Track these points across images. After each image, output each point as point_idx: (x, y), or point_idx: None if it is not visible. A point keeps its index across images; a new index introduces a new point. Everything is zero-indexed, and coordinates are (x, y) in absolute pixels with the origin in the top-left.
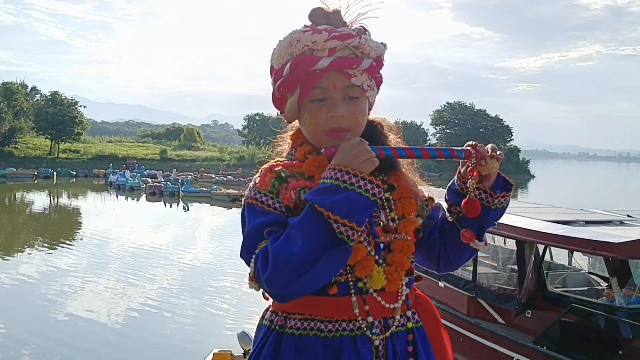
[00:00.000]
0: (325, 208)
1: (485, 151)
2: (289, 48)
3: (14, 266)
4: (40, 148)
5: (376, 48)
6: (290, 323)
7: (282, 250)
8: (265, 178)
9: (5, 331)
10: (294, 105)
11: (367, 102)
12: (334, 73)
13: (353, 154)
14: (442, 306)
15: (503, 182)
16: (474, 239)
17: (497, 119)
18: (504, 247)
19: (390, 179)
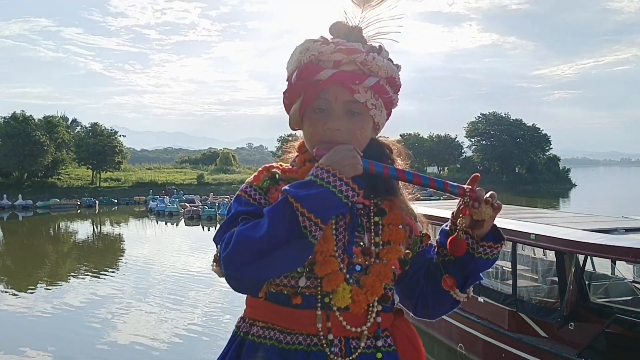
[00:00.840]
0: (295, 199)
1: (482, 195)
2: (299, 56)
3: (59, 295)
4: (82, 178)
5: (386, 68)
6: (254, 330)
7: (245, 233)
8: (260, 175)
9: (57, 352)
10: (296, 112)
11: (370, 121)
12: (338, 86)
13: (339, 156)
14: (483, 322)
15: (496, 235)
16: (454, 288)
17: (534, 128)
18: (543, 259)
19: (384, 203)
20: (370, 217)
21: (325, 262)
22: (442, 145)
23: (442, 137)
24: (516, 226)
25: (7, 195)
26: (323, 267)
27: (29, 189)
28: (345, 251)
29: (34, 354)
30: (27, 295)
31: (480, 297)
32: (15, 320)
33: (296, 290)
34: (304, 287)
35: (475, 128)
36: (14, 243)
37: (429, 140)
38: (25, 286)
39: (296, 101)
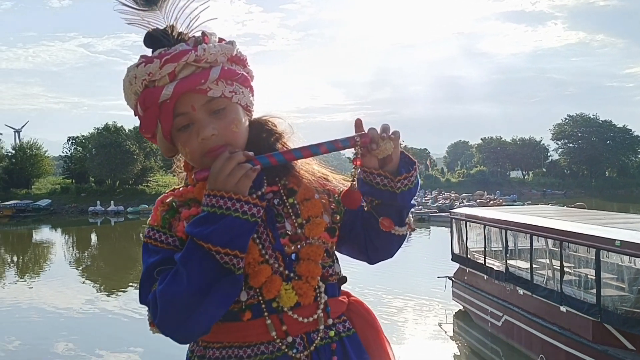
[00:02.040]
0: (204, 240)
1: (376, 134)
2: (131, 87)
3: None
4: (169, 185)
5: (222, 51)
6: (209, 353)
7: (167, 292)
8: (157, 212)
9: (146, 352)
10: (163, 142)
11: (238, 108)
12: (186, 95)
13: (225, 174)
14: (565, 332)
15: (407, 161)
16: (393, 226)
17: (625, 129)
18: (630, 267)
19: (291, 182)
20: (284, 201)
21: (257, 273)
22: (526, 148)
23: (527, 141)
24: (600, 232)
25: (100, 201)
26: (256, 278)
27: (121, 196)
28: (274, 249)
29: (125, 351)
30: (118, 297)
31: (563, 307)
32: (109, 320)
33: (241, 306)
34: (247, 300)
35: (562, 130)
36: (106, 247)
37: (512, 144)
38: (117, 288)
39: (157, 131)
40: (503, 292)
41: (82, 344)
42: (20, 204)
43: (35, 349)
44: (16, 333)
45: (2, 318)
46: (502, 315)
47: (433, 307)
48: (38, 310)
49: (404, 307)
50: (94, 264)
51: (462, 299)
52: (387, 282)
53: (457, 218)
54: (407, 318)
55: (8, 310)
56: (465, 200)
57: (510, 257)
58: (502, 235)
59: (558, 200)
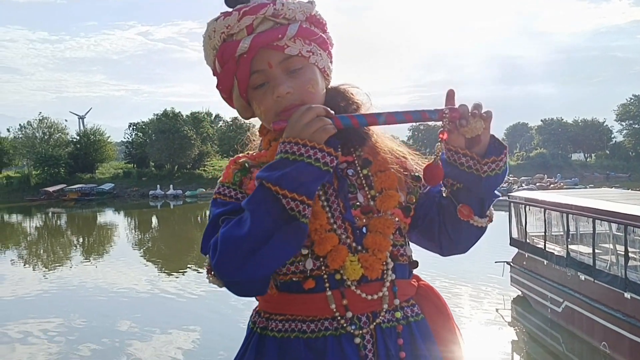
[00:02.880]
0: (272, 183)
1: (466, 110)
2: (210, 42)
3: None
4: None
5: (301, 8)
6: (272, 325)
7: (229, 233)
8: (229, 170)
9: (205, 330)
10: (239, 100)
11: (315, 70)
12: (264, 51)
13: (303, 123)
14: (630, 320)
15: (497, 145)
16: (472, 215)
17: None
18: None
19: (366, 153)
20: (358, 172)
21: (323, 240)
22: (588, 130)
23: (589, 122)
24: None
25: (160, 185)
26: (322, 245)
27: (179, 180)
28: (344, 219)
29: (184, 330)
30: (178, 278)
31: (627, 293)
32: (169, 301)
33: (306, 275)
34: (313, 270)
35: (627, 111)
36: (166, 229)
37: (574, 126)
38: (176, 269)
39: (233, 90)
40: (564, 278)
41: (143, 323)
42: (85, 188)
43: (99, 326)
44: (82, 311)
45: (69, 297)
46: (563, 301)
47: (490, 293)
48: (102, 289)
49: (461, 293)
50: (155, 246)
51: (521, 284)
52: (443, 266)
53: (516, 202)
54: (464, 303)
55: (74, 289)
56: (525, 184)
57: (571, 241)
58: (563, 220)
59: (622, 184)
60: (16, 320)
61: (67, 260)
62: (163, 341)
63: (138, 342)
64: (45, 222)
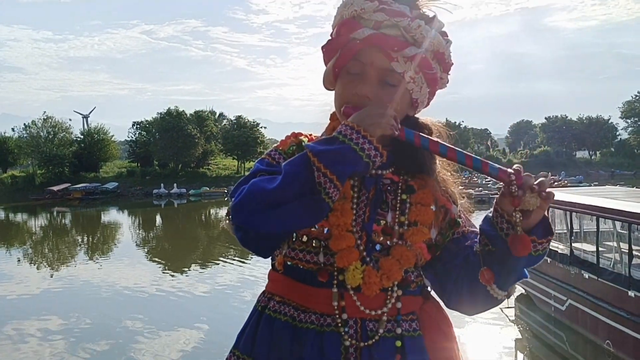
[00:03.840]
0: (313, 153)
1: (529, 181)
2: (342, 10)
3: (210, 276)
4: (229, 168)
5: (433, 40)
6: (271, 304)
7: (259, 184)
8: (287, 141)
9: (210, 330)
10: (330, 71)
11: (406, 96)
12: (375, 49)
13: (368, 113)
14: (633, 318)
15: (545, 228)
16: (492, 283)
17: None
18: None
19: (414, 180)
20: (397, 194)
21: (341, 237)
22: (593, 127)
23: (594, 119)
24: None
25: (164, 184)
26: (338, 241)
27: (183, 179)
28: (363, 227)
29: (188, 329)
30: (182, 277)
31: (631, 292)
32: (173, 300)
33: (320, 266)
34: (323, 264)
35: (632, 108)
36: (170, 228)
37: (579, 123)
38: (180, 268)
39: (332, 60)
40: (567, 276)
41: (147, 321)
42: (89, 187)
43: (104, 325)
44: (86, 310)
45: (74, 295)
46: (566, 299)
47: None
48: (107, 288)
49: None
50: (159, 245)
51: (525, 282)
52: None
53: None
54: None
55: (79, 288)
56: None
57: (575, 239)
58: (567, 218)
59: (627, 181)
60: (22, 318)
61: (71, 259)
62: (167, 340)
63: (142, 341)
64: (50, 221)
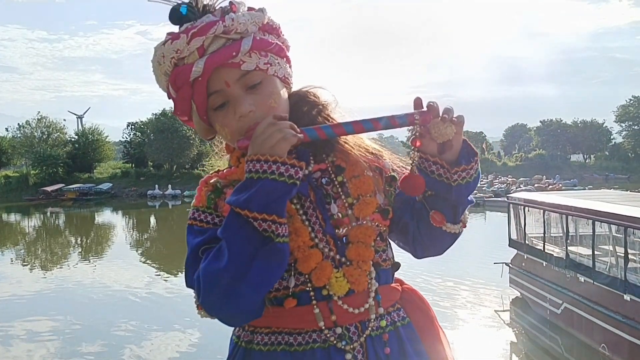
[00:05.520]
0: (241, 207)
1: (436, 113)
2: (160, 68)
3: None
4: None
5: (252, 20)
6: (257, 338)
7: (209, 268)
8: (201, 193)
9: (202, 333)
10: (200, 124)
11: (275, 81)
12: (219, 70)
13: (263, 138)
14: (629, 322)
15: (469, 152)
16: (444, 222)
17: None
18: None
19: (338, 159)
20: (333, 180)
21: (307, 257)
22: (587, 131)
23: (588, 123)
24: None
25: (158, 185)
26: (306, 263)
27: (178, 180)
28: (325, 232)
29: (182, 331)
30: (175, 279)
31: (627, 295)
32: (166, 302)
33: (287, 293)
34: (296, 286)
35: (627, 112)
36: (165, 229)
37: (573, 127)
38: (175, 269)
39: (192, 113)
40: (563, 279)
41: (141, 323)
42: (83, 188)
43: (97, 326)
44: (80, 311)
45: (67, 297)
46: (562, 302)
47: (489, 294)
48: (100, 289)
49: (459, 293)
50: (153, 246)
51: (520, 285)
52: (441, 267)
53: (515, 203)
54: (462, 304)
55: (73, 289)
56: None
57: (570, 243)
58: (563, 221)
59: (621, 185)
60: (15, 319)
61: (65, 260)
62: (161, 341)
63: (136, 342)
64: (43, 222)
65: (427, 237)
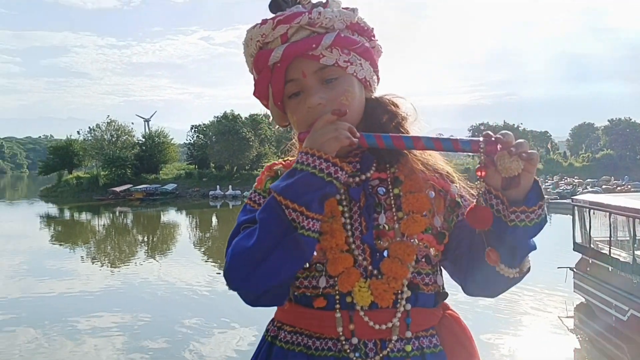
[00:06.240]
0: (277, 192)
1: (506, 144)
2: (247, 49)
3: None
4: None
5: (340, 17)
6: (281, 335)
7: (239, 244)
8: (262, 177)
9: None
10: (274, 108)
11: (352, 80)
12: (299, 60)
13: (318, 133)
14: None
15: (536, 194)
16: (499, 262)
17: None
18: None
19: (400, 171)
20: (389, 190)
21: (336, 260)
22: None
23: None
24: None
25: (219, 186)
26: (334, 265)
27: (238, 180)
28: (363, 240)
29: (243, 329)
30: None
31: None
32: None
33: (317, 292)
34: (325, 288)
35: None
36: (226, 229)
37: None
38: None
39: (270, 98)
40: (630, 285)
41: (203, 321)
42: (149, 188)
43: (160, 323)
44: (144, 308)
45: (133, 294)
46: (628, 309)
47: (553, 299)
48: (165, 287)
49: (521, 298)
50: (214, 245)
51: (584, 291)
52: None
53: (580, 205)
54: (525, 310)
55: (138, 286)
56: (590, 186)
57: (638, 247)
58: (630, 224)
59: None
60: (85, 314)
61: (132, 257)
62: (222, 339)
63: (197, 339)
64: (112, 221)
65: (480, 274)
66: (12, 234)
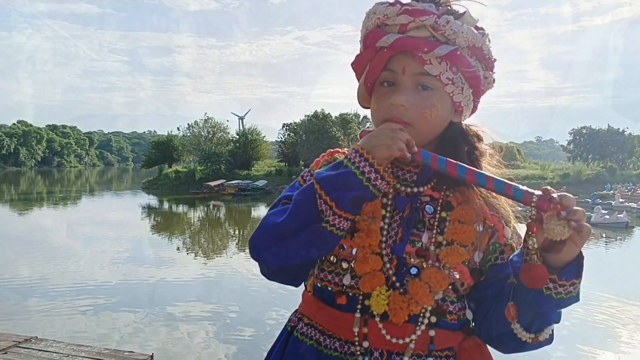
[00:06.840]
0: (316, 180)
1: (560, 207)
2: (367, 21)
3: None
4: None
5: (466, 35)
6: (299, 326)
7: (270, 217)
8: (321, 160)
9: None
10: (362, 87)
11: (446, 99)
12: (406, 55)
13: (375, 135)
14: None
15: (575, 270)
16: (515, 320)
17: None
18: None
19: (453, 196)
20: (436, 212)
21: (365, 260)
22: None
23: None
24: None
25: None
26: (362, 264)
27: None
28: (394, 250)
29: None
30: None
31: None
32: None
33: (341, 289)
34: (349, 287)
35: None
36: None
37: None
38: None
39: (363, 76)
40: None
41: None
42: (241, 184)
43: (249, 314)
44: (234, 298)
45: (224, 284)
46: None
47: None
48: (254, 279)
49: (625, 310)
50: None
51: None
52: (611, 283)
53: None
54: (628, 325)
55: (229, 277)
56: None
57: None
58: None
59: None
60: (180, 300)
61: (224, 249)
62: None
63: None
64: (206, 214)
65: (495, 326)
66: (117, 223)
